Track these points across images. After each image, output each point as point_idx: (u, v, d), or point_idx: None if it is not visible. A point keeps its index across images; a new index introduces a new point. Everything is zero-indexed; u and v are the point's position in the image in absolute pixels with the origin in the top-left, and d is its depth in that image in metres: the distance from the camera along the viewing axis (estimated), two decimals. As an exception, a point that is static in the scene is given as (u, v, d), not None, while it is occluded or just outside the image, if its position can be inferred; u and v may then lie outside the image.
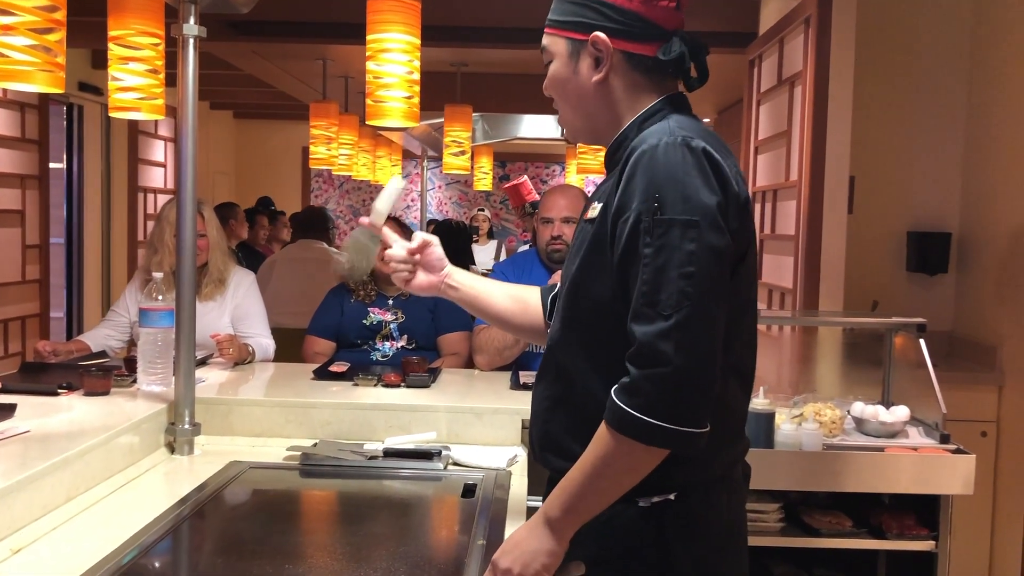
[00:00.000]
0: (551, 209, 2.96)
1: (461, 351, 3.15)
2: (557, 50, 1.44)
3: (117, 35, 2.57)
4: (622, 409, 1.24)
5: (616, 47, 1.38)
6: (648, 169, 1.28)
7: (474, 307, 1.74)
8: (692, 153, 1.28)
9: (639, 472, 1.29)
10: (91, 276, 6.33)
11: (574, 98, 1.45)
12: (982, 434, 3.48)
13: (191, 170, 2.14)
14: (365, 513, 1.88)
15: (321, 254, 4.91)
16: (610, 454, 1.27)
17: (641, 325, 1.24)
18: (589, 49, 1.39)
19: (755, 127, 4.25)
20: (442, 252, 1.72)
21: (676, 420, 1.22)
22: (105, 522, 1.70)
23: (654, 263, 1.25)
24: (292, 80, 6.21)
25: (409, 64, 2.86)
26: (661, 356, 1.22)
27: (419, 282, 1.71)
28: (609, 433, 1.27)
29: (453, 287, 1.72)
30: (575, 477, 1.31)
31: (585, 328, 1.38)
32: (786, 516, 2.55)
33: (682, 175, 1.26)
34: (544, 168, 10.42)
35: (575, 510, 1.32)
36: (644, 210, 1.26)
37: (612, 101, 1.42)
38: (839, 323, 3.26)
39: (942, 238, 3.82)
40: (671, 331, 1.22)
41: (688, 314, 1.22)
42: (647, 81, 1.40)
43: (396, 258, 1.70)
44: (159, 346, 2.35)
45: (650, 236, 1.25)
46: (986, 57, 3.72)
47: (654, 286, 1.24)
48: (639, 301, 1.25)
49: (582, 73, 1.41)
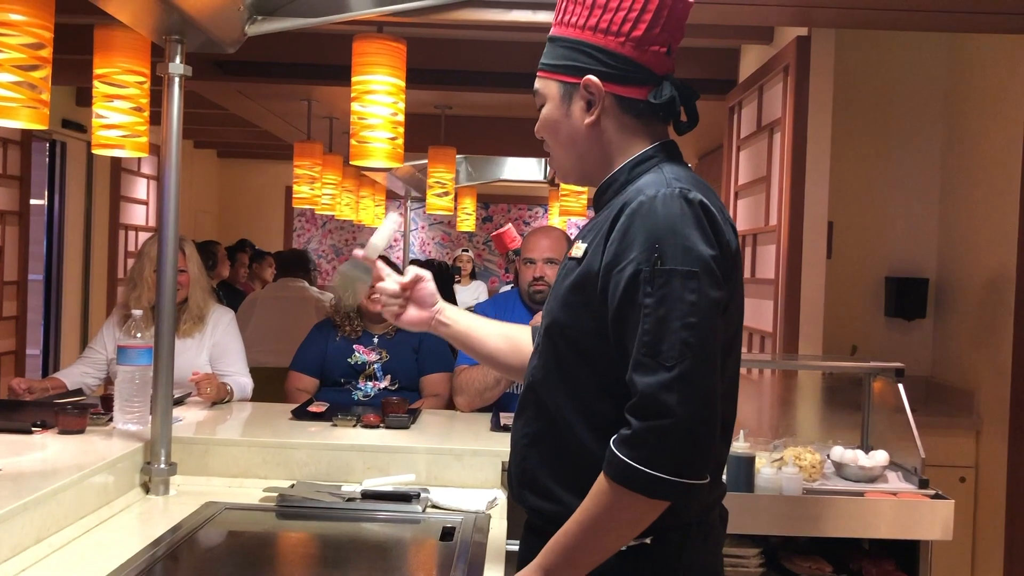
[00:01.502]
0: (533, 250, 2.97)
1: (442, 392, 3.14)
2: (549, 93, 1.45)
3: (103, 73, 2.58)
4: (624, 462, 1.23)
5: (608, 90, 1.39)
6: (647, 220, 1.28)
7: (465, 344, 1.73)
8: (690, 205, 1.28)
9: (641, 524, 1.27)
10: (70, 313, 6.27)
11: (566, 140, 1.46)
12: (961, 479, 3.49)
13: (173, 207, 2.14)
14: (342, 556, 1.86)
15: (301, 292, 4.90)
16: (612, 507, 1.26)
17: (643, 376, 1.23)
18: (581, 92, 1.41)
19: (735, 172, 4.30)
20: (434, 288, 1.72)
21: (679, 472, 1.22)
22: (76, 564, 1.67)
23: (655, 313, 1.24)
24: (277, 120, 6.23)
25: (394, 106, 2.88)
26: (664, 408, 1.21)
27: (410, 317, 1.71)
28: (610, 486, 1.25)
29: (444, 323, 1.71)
30: (574, 531, 1.29)
31: (565, 366, 1.38)
32: (766, 561, 2.53)
33: (681, 227, 1.27)
34: (527, 210, 10.47)
35: (576, 564, 1.30)
36: (644, 260, 1.26)
37: (604, 143, 1.43)
38: (818, 367, 3.28)
39: (920, 283, 3.86)
40: (674, 382, 1.21)
41: (691, 365, 1.22)
42: (638, 124, 1.42)
43: (387, 292, 1.69)
44: (136, 384, 2.33)
45: (651, 286, 1.25)
46: (961, 104, 3.80)
47: (656, 336, 1.24)
48: (640, 352, 1.25)
49: (574, 115, 1.42)
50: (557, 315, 1.40)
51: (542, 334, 1.45)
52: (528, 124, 1.61)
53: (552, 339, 1.41)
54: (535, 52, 1.50)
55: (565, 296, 1.39)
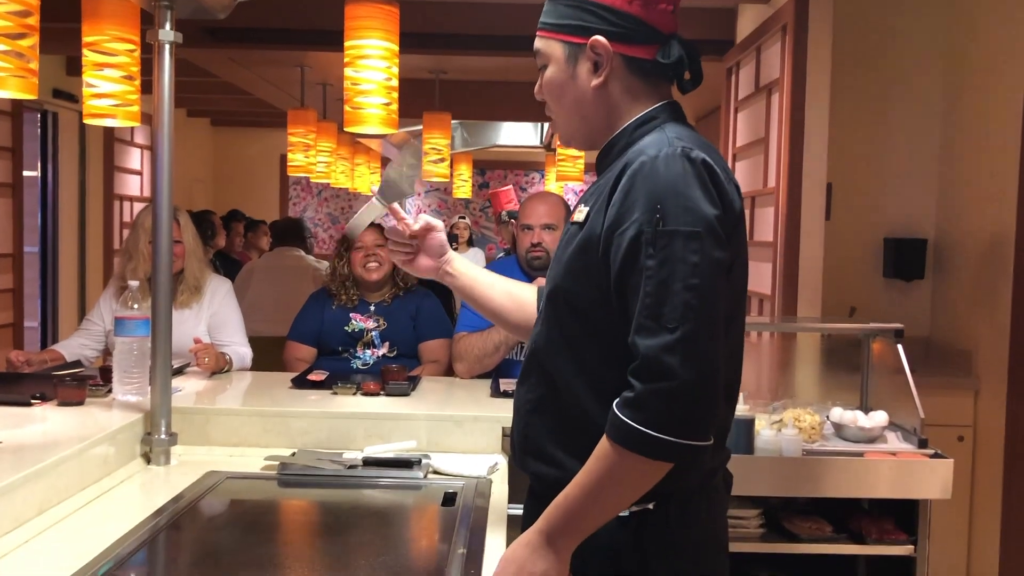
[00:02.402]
0: (531, 216, 2.95)
1: (441, 359, 3.14)
2: (553, 54, 1.41)
3: (92, 41, 2.54)
4: (627, 424, 1.22)
5: (616, 51, 1.36)
6: (648, 180, 1.26)
7: (471, 297, 1.74)
8: (692, 164, 1.26)
9: (644, 486, 1.27)
10: (66, 285, 6.26)
11: (571, 103, 1.42)
12: (959, 438, 3.51)
13: (167, 177, 2.12)
14: (344, 523, 1.86)
15: (298, 262, 4.89)
16: (615, 469, 1.25)
17: (645, 338, 1.22)
18: (588, 53, 1.37)
19: (733, 134, 4.27)
20: (445, 239, 1.73)
21: (683, 434, 1.21)
22: (79, 534, 1.67)
23: (657, 275, 1.23)
24: (270, 87, 6.18)
25: (387, 71, 2.85)
26: (667, 370, 1.20)
27: (419, 264, 1.73)
28: (613, 448, 1.24)
29: (451, 274, 1.72)
30: (576, 494, 1.28)
31: (568, 332, 1.37)
32: (766, 522, 2.55)
33: (683, 187, 1.25)
34: (524, 176, 10.42)
35: (578, 527, 1.30)
36: (645, 221, 1.24)
37: (610, 105, 1.40)
38: (817, 329, 3.28)
39: (918, 244, 3.85)
40: (676, 344, 1.20)
41: (693, 327, 1.21)
42: (644, 85, 1.39)
43: (398, 236, 1.71)
44: (135, 355, 2.32)
45: (652, 248, 1.24)
46: (961, 65, 3.76)
47: (658, 299, 1.22)
48: (642, 314, 1.23)
49: (580, 77, 1.39)
50: (560, 281, 1.39)
51: (545, 300, 1.44)
52: (525, 88, 1.58)
53: (555, 305, 1.40)
54: (531, 14, 1.47)
55: (568, 262, 1.37)
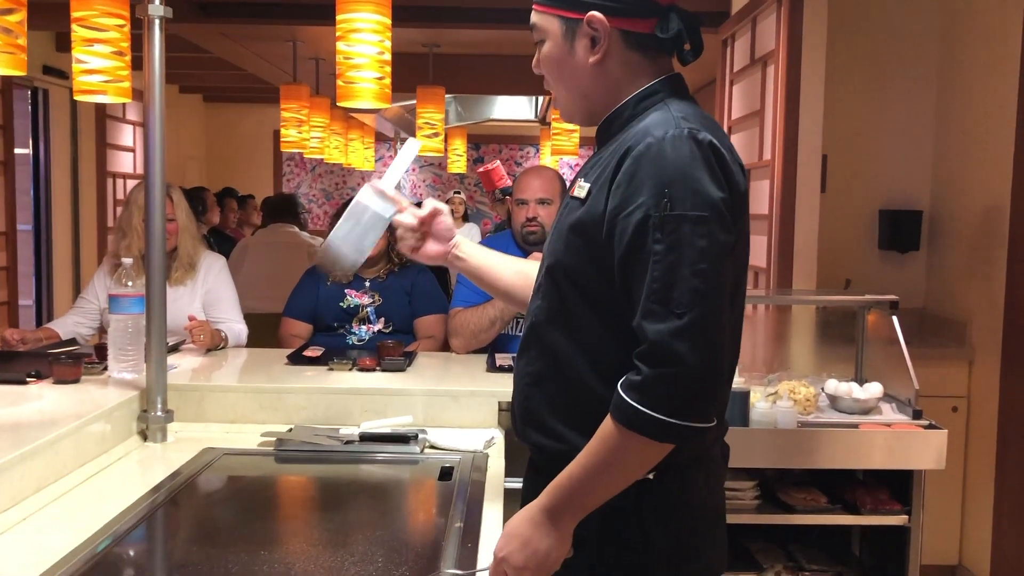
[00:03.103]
0: (526, 191, 2.94)
1: (437, 334, 3.14)
2: (550, 29, 1.39)
3: (81, 16, 2.52)
4: (632, 407, 1.22)
5: (613, 26, 1.34)
6: (655, 163, 1.25)
7: (481, 279, 1.73)
8: (699, 147, 1.25)
9: (647, 465, 1.28)
10: (60, 263, 6.24)
11: (569, 79, 1.41)
12: (953, 409, 3.53)
13: (159, 154, 2.11)
14: (342, 498, 1.87)
15: (293, 238, 4.87)
16: (619, 450, 1.26)
17: (652, 323, 1.22)
18: (585, 29, 1.35)
19: (728, 107, 4.25)
20: (451, 222, 1.70)
21: (688, 417, 1.22)
22: (77, 512, 1.67)
23: (665, 260, 1.22)
24: (262, 62, 6.13)
25: (380, 44, 2.83)
26: (675, 355, 1.20)
27: (427, 251, 1.70)
28: (618, 430, 1.25)
29: (460, 257, 1.71)
30: (579, 473, 1.29)
31: (568, 306, 1.37)
32: (762, 493, 2.57)
33: (691, 170, 1.24)
34: (519, 150, 10.38)
35: (581, 505, 1.31)
36: (652, 205, 1.23)
37: (609, 81, 1.39)
38: (812, 301, 3.29)
39: (913, 216, 3.85)
40: (684, 330, 1.20)
41: (701, 312, 1.20)
42: (643, 58, 1.38)
43: (406, 225, 1.67)
44: (130, 333, 2.32)
45: (660, 232, 1.23)
46: (956, 37, 3.74)
47: (666, 283, 1.22)
48: (650, 299, 1.23)
49: (578, 53, 1.37)
50: (560, 256, 1.38)
51: (543, 273, 1.43)
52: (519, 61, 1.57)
53: (554, 279, 1.39)
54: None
55: (568, 237, 1.37)
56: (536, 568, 1.31)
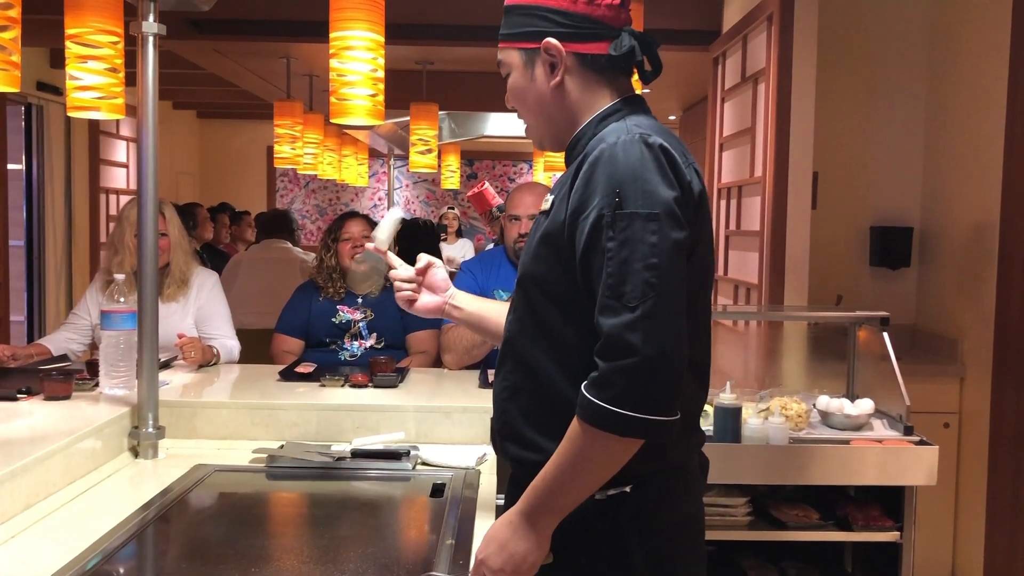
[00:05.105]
0: (518, 207, 2.95)
1: (429, 349, 3.14)
2: (513, 62, 1.47)
3: (75, 33, 2.53)
4: (594, 403, 1.25)
5: (568, 50, 1.41)
6: (608, 166, 1.30)
7: (479, 327, 1.79)
8: (650, 149, 1.30)
9: (616, 464, 1.30)
10: (53, 279, 6.23)
11: (534, 105, 1.47)
12: (944, 425, 3.54)
13: (152, 169, 2.11)
14: (333, 515, 1.86)
15: (285, 254, 4.88)
16: (586, 449, 1.28)
17: (608, 318, 1.26)
18: (542, 56, 1.42)
19: (720, 124, 4.28)
20: (445, 274, 1.78)
21: (648, 409, 1.23)
22: (66, 529, 1.67)
23: (618, 256, 1.26)
24: (255, 79, 6.14)
25: (373, 62, 2.84)
26: (629, 347, 1.23)
27: (423, 303, 1.77)
28: (583, 428, 1.27)
29: (457, 307, 1.77)
30: (551, 474, 1.32)
31: (539, 317, 1.41)
32: (754, 510, 2.57)
33: (641, 170, 1.29)
34: (512, 166, 10.41)
35: (556, 507, 1.33)
36: (606, 205, 1.28)
37: (570, 103, 1.44)
38: (804, 318, 3.30)
39: (904, 233, 3.87)
40: (638, 322, 1.23)
41: (654, 304, 1.24)
42: (601, 80, 1.44)
43: (401, 278, 1.76)
44: (121, 349, 2.31)
45: (612, 230, 1.27)
46: (945, 54, 3.78)
47: (619, 279, 1.26)
48: (605, 294, 1.27)
49: (539, 79, 1.44)
50: (529, 267, 1.43)
51: (516, 287, 1.48)
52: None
53: (525, 291, 1.43)
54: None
55: (537, 248, 1.42)
56: (513, 571, 1.33)
